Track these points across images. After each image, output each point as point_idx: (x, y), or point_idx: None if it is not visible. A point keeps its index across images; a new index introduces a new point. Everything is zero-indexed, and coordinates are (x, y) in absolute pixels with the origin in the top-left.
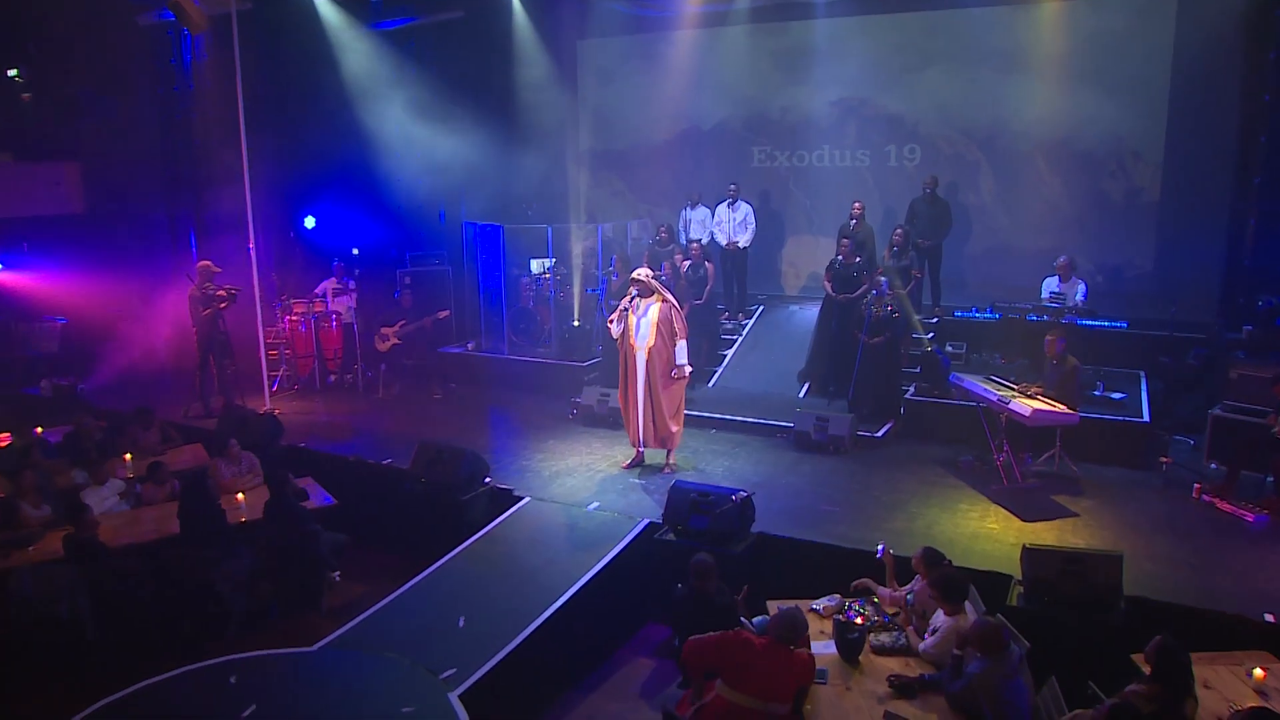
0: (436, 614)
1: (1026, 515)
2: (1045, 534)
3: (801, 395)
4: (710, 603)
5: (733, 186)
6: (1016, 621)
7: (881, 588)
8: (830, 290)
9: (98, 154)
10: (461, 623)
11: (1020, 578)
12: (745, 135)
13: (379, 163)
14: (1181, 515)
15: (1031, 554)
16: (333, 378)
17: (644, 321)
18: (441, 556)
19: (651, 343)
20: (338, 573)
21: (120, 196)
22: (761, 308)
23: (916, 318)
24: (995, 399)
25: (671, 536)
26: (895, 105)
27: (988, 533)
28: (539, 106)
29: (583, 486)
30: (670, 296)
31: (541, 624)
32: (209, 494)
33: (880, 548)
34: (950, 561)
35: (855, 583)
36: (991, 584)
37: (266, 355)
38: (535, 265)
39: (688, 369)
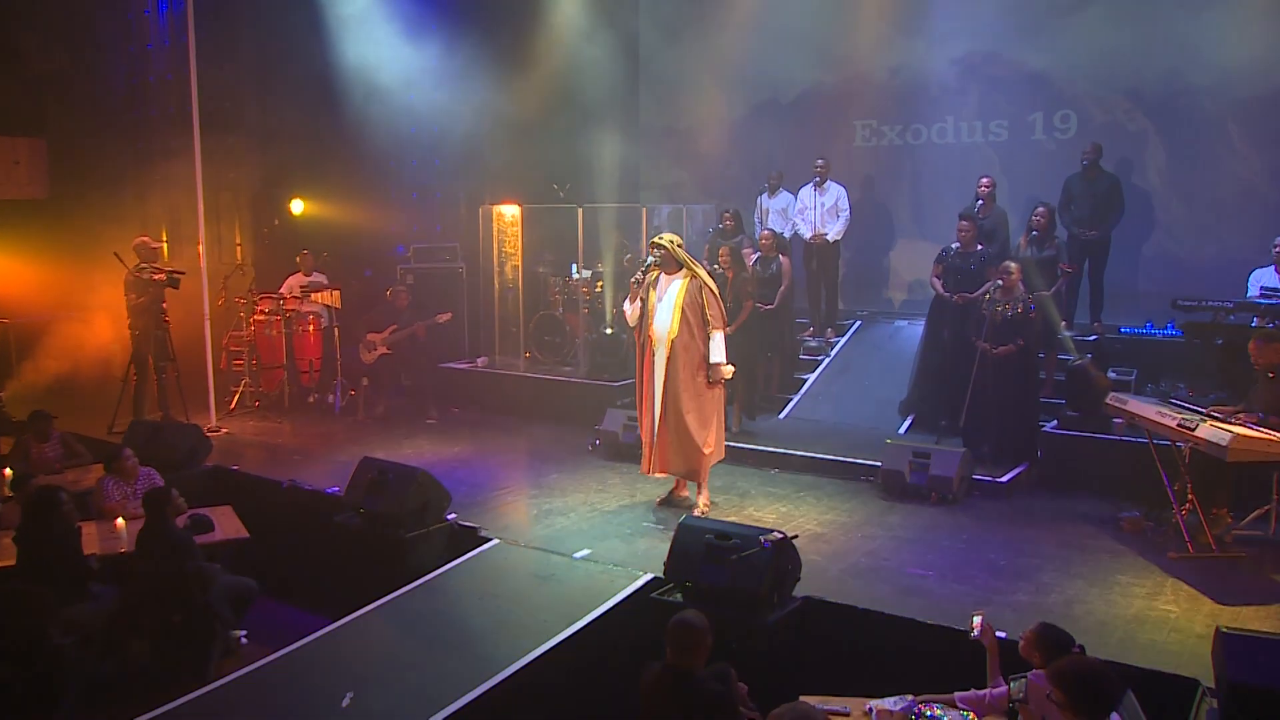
0: (317, 687)
1: (1223, 596)
2: (1253, 624)
3: (902, 431)
4: (694, 690)
5: (820, 163)
6: None
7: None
8: (939, 288)
9: (64, 127)
10: (346, 702)
11: (1212, 684)
12: (843, 106)
13: (386, 137)
14: None
15: (1233, 644)
16: (313, 397)
17: (665, 303)
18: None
19: (674, 333)
20: (243, 632)
21: (87, 177)
22: (859, 323)
23: (1067, 333)
24: (1175, 425)
25: (679, 596)
26: (1037, 60)
27: (1159, 617)
28: (589, 72)
29: (577, 529)
30: (703, 271)
31: (461, 710)
32: (61, 515)
33: (976, 623)
34: (1083, 647)
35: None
36: (1164, 690)
37: (230, 364)
38: (576, 271)
39: (726, 370)
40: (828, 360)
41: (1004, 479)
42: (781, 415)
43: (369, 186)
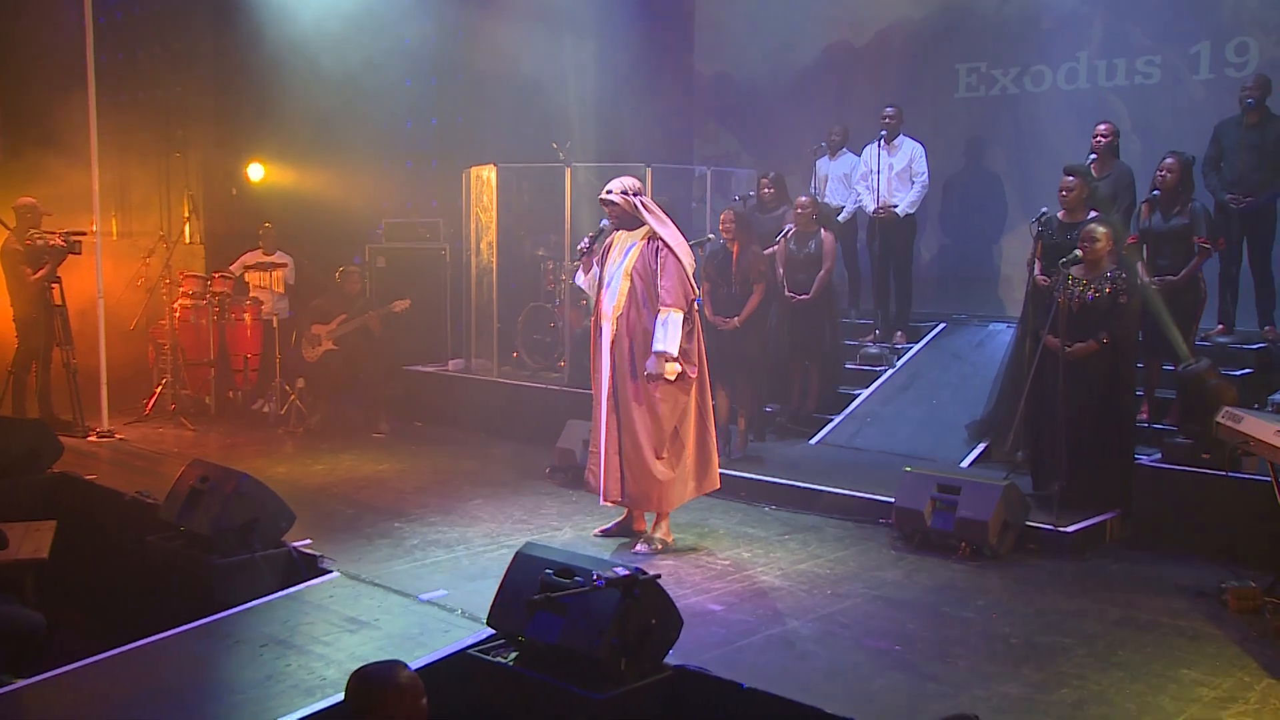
0: None
1: None
2: None
3: (966, 463)
4: None
5: (889, 111)
6: None
7: None
8: (1038, 273)
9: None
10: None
11: None
12: (936, 46)
13: (374, 92)
14: None
15: None
16: (257, 402)
17: (616, 270)
18: None
19: (619, 308)
20: (24, 683)
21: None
22: (943, 326)
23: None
24: None
25: (513, 656)
26: None
27: None
28: (631, 12)
29: (454, 564)
30: (671, 230)
31: None
32: None
33: None
34: None
35: None
36: None
37: (159, 359)
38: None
39: (670, 368)
40: (890, 372)
41: (1069, 529)
42: (813, 440)
43: (352, 151)
